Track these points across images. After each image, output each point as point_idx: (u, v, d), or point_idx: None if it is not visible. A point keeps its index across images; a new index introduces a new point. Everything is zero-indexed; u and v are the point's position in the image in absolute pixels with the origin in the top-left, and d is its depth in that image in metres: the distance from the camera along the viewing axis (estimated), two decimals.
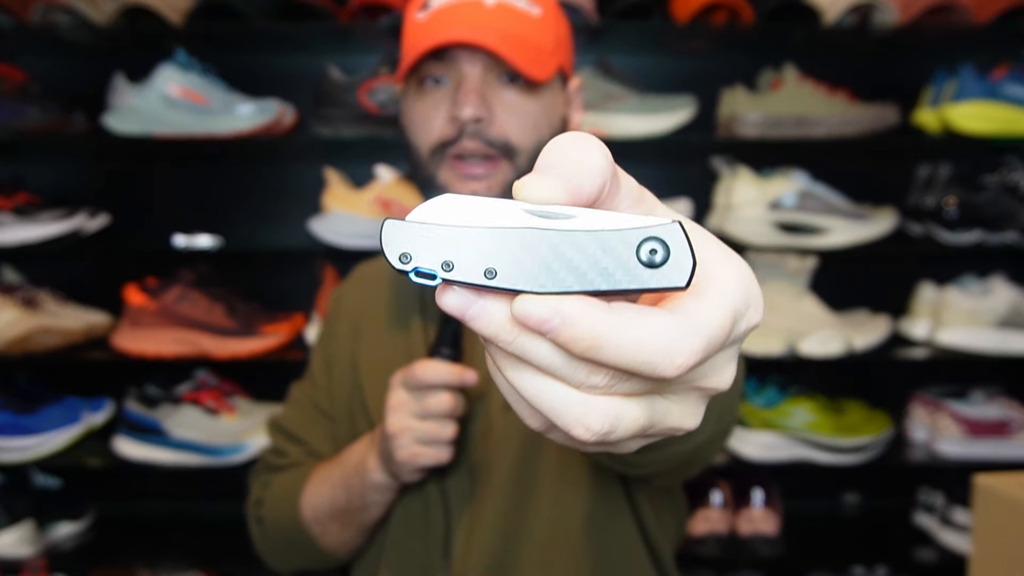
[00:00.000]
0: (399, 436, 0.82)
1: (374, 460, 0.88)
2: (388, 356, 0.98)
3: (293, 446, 1.03)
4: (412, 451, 0.82)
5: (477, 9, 0.87)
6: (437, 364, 0.81)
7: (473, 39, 0.85)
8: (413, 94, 0.92)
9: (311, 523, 0.94)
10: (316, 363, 1.07)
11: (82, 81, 1.97)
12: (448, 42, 0.85)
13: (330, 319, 1.08)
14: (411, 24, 0.91)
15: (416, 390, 0.82)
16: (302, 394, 1.07)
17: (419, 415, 0.81)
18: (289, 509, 0.96)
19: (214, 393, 1.85)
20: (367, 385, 0.98)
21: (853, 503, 2.13)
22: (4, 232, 1.79)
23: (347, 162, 1.98)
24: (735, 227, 1.80)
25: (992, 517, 0.90)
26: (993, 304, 1.81)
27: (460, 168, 0.89)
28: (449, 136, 0.89)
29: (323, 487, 0.93)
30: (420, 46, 0.87)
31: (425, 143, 0.90)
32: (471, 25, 0.86)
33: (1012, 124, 1.78)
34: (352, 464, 0.90)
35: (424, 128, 0.90)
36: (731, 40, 1.94)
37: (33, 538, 1.85)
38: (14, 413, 1.84)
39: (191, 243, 1.81)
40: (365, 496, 0.90)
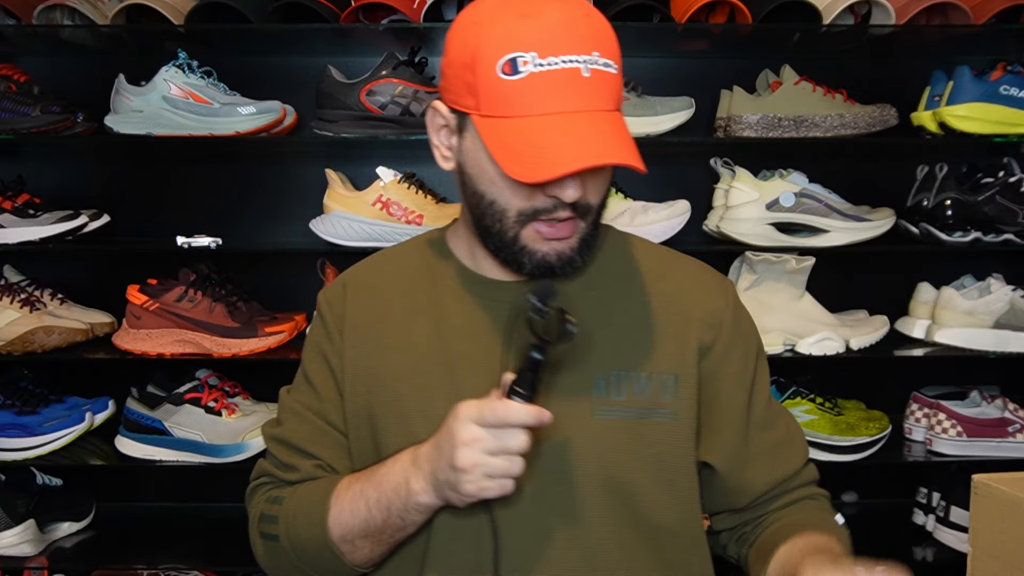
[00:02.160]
0: (470, 471, 0.82)
1: (420, 483, 0.88)
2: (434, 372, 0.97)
3: (303, 460, 1.01)
4: (481, 485, 0.83)
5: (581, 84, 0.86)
6: (520, 405, 0.82)
7: (601, 161, 0.86)
8: None
9: (339, 541, 0.94)
10: (318, 374, 1.03)
11: (84, 82, 1.97)
12: (584, 168, 0.85)
13: (328, 326, 1.04)
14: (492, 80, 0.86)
15: (494, 427, 0.82)
16: (302, 406, 1.04)
17: (493, 451, 0.82)
18: (314, 528, 0.95)
19: (215, 393, 1.85)
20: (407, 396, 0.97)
21: (851, 502, 2.13)
22: (6, 232, 1.80)
23: (347, 163, 1.99)
24: (734, 227, 1.81)
25: (990, 516, 0.91)
26: (991, 304, 1.81)
27: (546, 233, 0.92)
28: (544, 206, 0.90)
29: (355, 506, 0.92)
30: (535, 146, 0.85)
31: (514, 206, 0.91)
32: (591, 129, 0.86)
33: (1009, 125, 1.78)
34: (391, 485, 0.90)
35: (517, 193, 0.90)
36: (730, 41, 1.94)
37: (34, 537, 1.86)
38: (16, 413, 1.84)
39: (192, 243, 1.82)
40: (406, 516, 0.90)
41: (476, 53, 0.87)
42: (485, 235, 0.96)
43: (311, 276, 1.89)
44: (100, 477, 2.09)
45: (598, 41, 0.87)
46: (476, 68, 0.87)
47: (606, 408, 0.94)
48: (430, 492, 0.87)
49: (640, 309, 1.00)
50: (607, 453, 0.94)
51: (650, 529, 0.96)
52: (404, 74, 1.80)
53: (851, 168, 2.02)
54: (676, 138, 1.84)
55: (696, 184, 1.98)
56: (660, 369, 0.97)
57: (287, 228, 2.01)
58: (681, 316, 1.00)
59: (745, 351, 1.03)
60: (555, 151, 0.84)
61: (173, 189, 2.06)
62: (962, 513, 1.83)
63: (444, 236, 1.07)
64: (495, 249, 0.96)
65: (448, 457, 0.83)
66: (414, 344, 0.99)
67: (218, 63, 1.87)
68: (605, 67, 0.87)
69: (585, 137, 0.85)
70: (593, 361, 0.95)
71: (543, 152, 0.84)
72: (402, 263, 1.08)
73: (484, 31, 0.87)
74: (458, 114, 0.93)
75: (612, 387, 0.95)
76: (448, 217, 1.80)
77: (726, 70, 1.95)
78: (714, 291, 1.04)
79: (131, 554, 1.91)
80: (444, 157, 0.98)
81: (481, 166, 0.92)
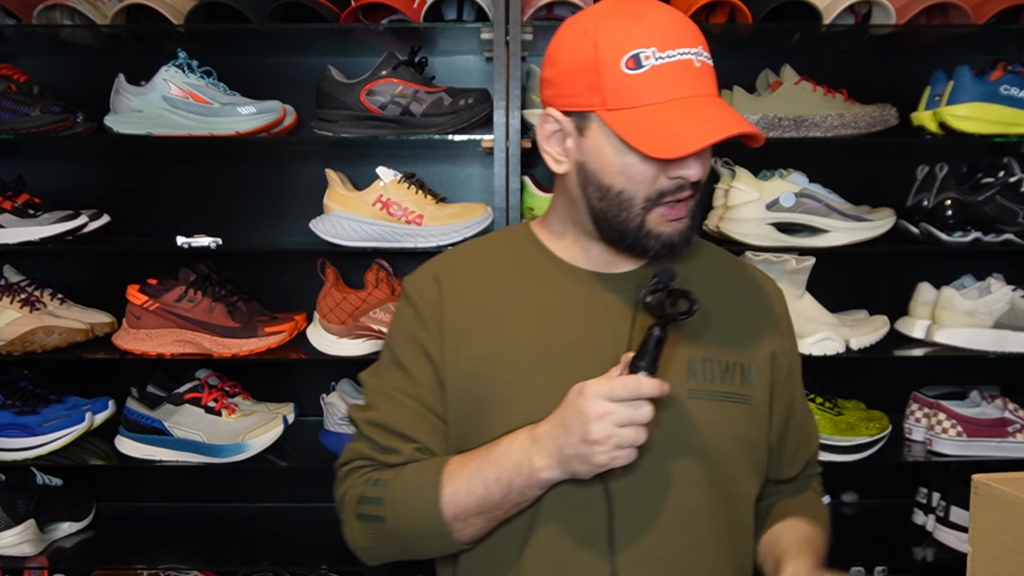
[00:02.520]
0: (603, 443, 0.90)
1: (544, 460, 0.94)
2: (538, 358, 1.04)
3: (404, 444, 1.05)
4: (612, 455, 0.91)
5: (694, 73, 0.97)
6: (648, 378, 0.90)
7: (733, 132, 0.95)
8: (619, 145, 0.98)
9: (453, 520, 0.99)
10: (412, 360, 1.07)
11: (84, 82, 1.97)
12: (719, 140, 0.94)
13: (423, 316, 1.08)
14: (617, 77, 0.96)
15: (624, 400, 0.90)
16: (397, 391, 1.08)
17: (623, 423, 0.90)
18: (426, 507, 0.99)
19: (215, 393, 1.85)
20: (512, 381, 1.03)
21: (851, 502, 2.13)
22: (6, 232, 1.80)
23: (347, 163, 1.99)
24: (734, 227, 1.81)
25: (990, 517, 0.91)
26: (991, 304, 1.81)
27: (669, 214, 1.01)
28: (668, 188, 0.99)
29: (472, 485, 0.98)
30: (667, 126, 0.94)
31: (641, 192, 0.99)
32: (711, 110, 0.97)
33: (1009, 125, 1.78)
34: (511, 463, 0.96)
35: (644, 179, 0.99)
36: (730, 41, 1.94)
37: (34, 537, 1.86)
38: (16, 413, 1.84)
39: (192, 243, 1.82)
40: (526, 492, 0.97)
41: (597, 54, 0.96)
42: (607, 226, 1.03)
43: (311, 276, 1.89)
44: (100, 477, 2.09)
45: (699, 38, 0.99)
46: (599, 68, 0.96)
47: (697, 391, 1.04)
48: (554, 468, 0.94)
49: (724, 304, 1.10)
50: (702, 429, 1.03)
51: (732, 498, 1.07)
52: (404, 74, 1.80)
53: (851, 168, 2.02)
54: None
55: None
56: (740, 359, 1.07)
57: (287, 228, 2.01)
58: (754, 314, 1.13)
59: (795, 350, 1.18)
60: (686, 129, 0.94)
61: (173, 189, 2.06)
62: (962, 513, 1.83)
63: (530, 231, 1.14)
64: (618, 237, 1.03)
65: (580, 432, 0.90)
66: (515, 332, 1.05)
67: (218, 63, 1.87)
68: (708, 60, 0.99)
69: (709, 116, 0.96)
70: (686, 348, 1.05)
71: (675, 131, 0.94)
72: (489, 256, 1.14)
73: (601, 35, 0.97)
74: (576, 116, 1.01)
75: (702, 372, 1.05)
76: (447, 217, 1.81)
77: (726, 70, 1.93)
78: (775, 294, 1.18)
79: (131, 554, 1.91)
80: (557, 161, 1.05)
81: (607, 159, 1.00)
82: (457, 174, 2.05)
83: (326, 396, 1.90)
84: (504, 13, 1.74)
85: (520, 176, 1.78)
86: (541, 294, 1.08)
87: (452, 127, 1.80)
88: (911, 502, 2.01)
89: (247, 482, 2.14)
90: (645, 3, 1.00)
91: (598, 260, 1.09)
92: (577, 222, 1.07)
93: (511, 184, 1.77)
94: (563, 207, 1.09)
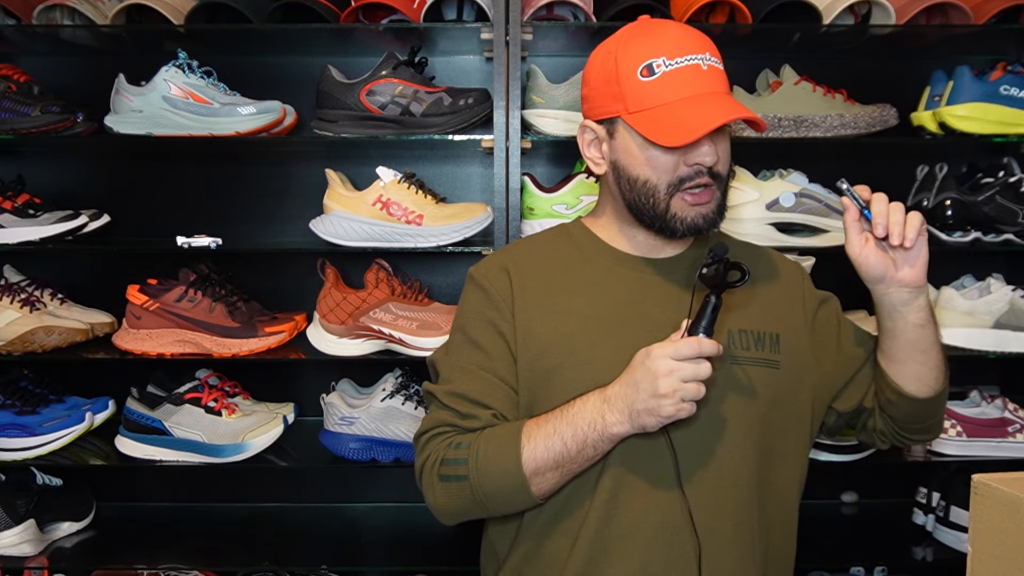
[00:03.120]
0: (670, 396, 1.03)
1: (615, 416, 1.07)
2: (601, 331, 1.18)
3: (482, 410, 1.18)
4: (679, 407, 1.03)
5: (702, 75, 1.13)
6: (707, 340, 1.04)
7: (733, 116, 1.11)
8: (641, 141, 1.15)
9: (532, 475, 1.11)
10: (485, 337, 1.21)
11: (84, 82, 1.98)
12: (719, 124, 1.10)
13: (494, 299, 1.22)
14: (635, 84, 1.13)
15: (687, 359, 1.03)
16: (473, 365, 1.21)
17: (687, 379, 1.02)
18: (508, 463, 1.11)
19: (215, 393, 1.85)
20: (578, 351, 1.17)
21: (851, 502, 2.13)
22: (6, 232, 1.80)
23: (347, 163, 1.99)
24: (734, 227, 1.81)
25: (990, 517, 0.91)
26: (991, 304, 1.82)
27: (692, 199, 1.16)
28: (687, 175, 1.15)
29: (550, 442, 1.10)
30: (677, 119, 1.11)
31: (664, 180, 1.16)
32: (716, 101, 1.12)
33: (1009, 125, 1.78)
34: (585, 421, 1.09)
35: (665, 168, 1.15)
36: (730, 41, 1.94)
37: (34, 537, 1.86)
38: (16, 413, 1.84)
39: (192, 243, 1.82)
40: (599, 446, 1.09)
41: (618, 69, 1.15)
42: (640, 213, 1.19)
43: (311, 276, 1.89)
44: (100, 477, 2.09)
45: (707, 46, 1.16)
46: (620, 79, 1.15)
47: (737, 357, 1.20)
48: (625, 423, 1.07)
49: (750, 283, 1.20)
50: (741, 389, 1.18)
51: (769, 449, 1.20)
52: (404, 74, 1.80)
53: (851, 168, 2.00)
54: None
55: None
56: (767, 328, 1.23)
57: (287, 228, 2.01)
58: (775, 289, 1.28)
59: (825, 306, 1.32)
60: (693, 119, 1.10)
61: (173, 189, 2.06)
62: (962, 513, 1.83)
63: (583, 226, 1.31)
64: (650, 222, 1.19)
65: (649, 388, 1.04)
66: (578, 310, 1.20)
67: (218, 63, 1.87)
68: (716, 64, 1.16)
69: (713, 107, 1.12)
70: (724, 322, 1.20)
71: (684, 122, 1.11)
72: (550, 248, 1.29)
73: (621, 53, 1.15)
74: (606, 123, 1.19)
75: (739, 342, 1.20)
76: (447, 217, 1.81)
77: (726, 70, 1.94)
78: (790, 270, 1.34)
79: (131, 554, 1.91)
80: (597, 164, 1.23)
81: (632, 154, 1.17)
82: (457, 174, 2.05)
83: (326, 396, 1.90)
84: (504, 13, 1.74)
85: (520, 176, 1.78)
86: (598, 277, 1.23)
87: (452, 127, 1.80)
88: (911, 502, 2.01)
89: (247, 482, 2.14)
90: (658, 23, 1.19)
91: (643, 246, 1.25)
92: (619, 214, 1.24)
93: (511, 184, 1.77)
94: (607, 203, 1.27)
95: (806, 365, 1.25)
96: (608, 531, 1.15)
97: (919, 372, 1.22)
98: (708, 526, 1.14)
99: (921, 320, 1.18)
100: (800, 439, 1.26)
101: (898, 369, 1.22)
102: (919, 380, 1.23)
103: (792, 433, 1.24)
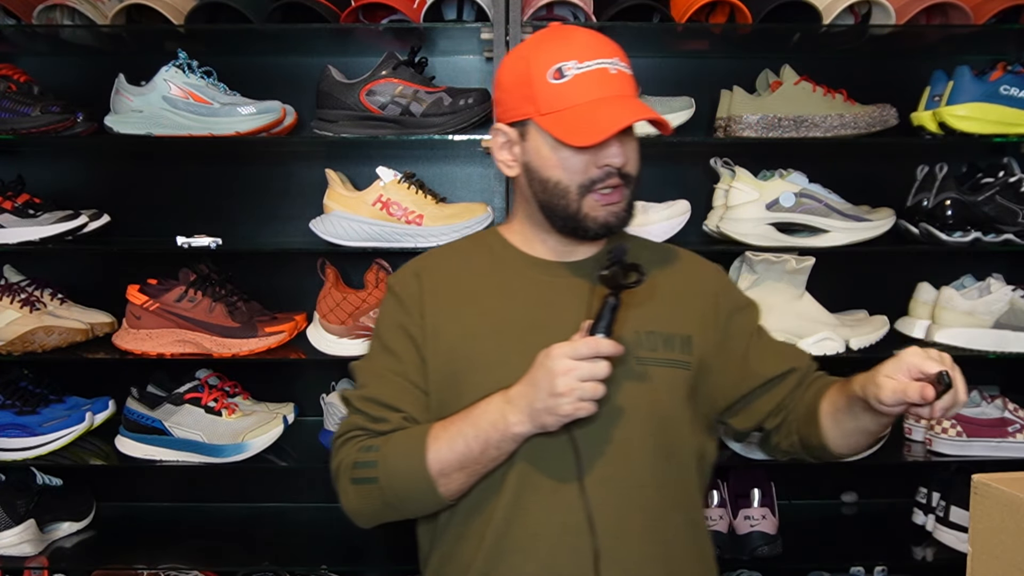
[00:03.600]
0: (567, 395, 1.04)
1: (517, 416, 1.09)
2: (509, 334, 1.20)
3: (392, 413, 1.20)
4: (576, 406, 1.05)
5: (611, 78, 1.16)
6: (605, 340, 1.05)
7: (640, 117, 1.15)
8: (552, 143, 1.17)
9: (437, 476, 1.13)
10: (397, 343, 1.24)
11: (84, 82, 1.97)
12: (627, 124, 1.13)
13: (405, 304, 1.25)
14: (545, 87, 1.15)
15: (585, 359, 1.04)
16: (385, 369, 1.23)
17: (584, 378, 1.04)
18: (414, 465, 1.13)
19: (215, 393, 1.85)
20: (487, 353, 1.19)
21: (851, 502, 2.13)
22: (6, 232, 1.80)
23: (347, 163, 1.99)
24: (734, 227, 1.81)
25: (990, 517, 0.91)
26: (991, 304, 1.81)
27: (603, 199, 1.18)
28: (598, 177, 1.17)
29: (454, 443, 1.12)
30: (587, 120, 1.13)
31: (575, 181, 1.18)
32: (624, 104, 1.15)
33: (1009, 125, 1.78)
34: (488, 421, 1.11)
35: (575, 170, 1.17)
36: (730, 41, 1.94)
37: (34, 537, 1.86)
38: (16, 413, 1.84)
39: (192, 243, 1.82)
40: (502, 446, 1.11)
41: (529, 71, 1.17)
42: (553, 215, 1.21)
43: (311, 276, 1.89)
44: (100, 477, 2.09)
45: (616, 51, 1.19)
46: (532, 81, 1.17)
47: (644, 358, 1.20)
48: (526, 422, 1.09)
49: (660, 284, 1.25)
50: (647, 389, 1.19)
51: (677, 448, 1.22)
52: (404, 74, 1.80)
53: (851, 168, 2.02)
54: (676, 138, 1.84)
55: (696, 184, 1.98)
56: (678, 330, 1.23)
57: (287, 228, 2.01)
58: (689, 291, 1.28)
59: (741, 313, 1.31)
60: (602, 120, 1.13)
61: (173, 189, 2.06)
62: (962, 513, 1.83)
63: (497, 232, 1.32)
64: (563, 224, 1.20)
65: (547, 387, 1.05)
66: (488, 313, 1.23)
67: (218, 63, 1.87)
68: (625, 69, 1.19)
69: (621, 109, 1.15)
70: (632, 322, 1.21)
71: (592, 123, 1.13)
72: (465, 254, 1.32)
73: (532, 56, 1.17)
74: (518, 125, 1.20)
75: (647, 343, 1.21)
76: (447, 217, 1.81)
77: (726, 70, 1.95)
78: (708, 272, 1.34)
79: (131, 554, 1.91)
80: (509, 166, 1.24)
81: (544, 156, 1.19)
82: (457, 174, 2.05)
83: (326, 396, 1.91)
84: (504, 13, 1.74)
85: None
86: (509, 282, 1.25)
87: (452, 127, 1.80)
88: (911, 502, 2.01)
89: (247, 482, 2.14)
90: (570, 28, 1.22)
91: (555, 250, 1.26)
92: (531, 217, 1.25)
93: (511, 184, 1.77)
94: (520, 207, 1.28)
95: (711, 368, 1.26)
96: (513, 531, 1.16)
97: (859, 444, 1.24)
98: (613, 525, 1.15)
99: (892, 420, 1.18)
100: (710, 439, 1.28)
101: (840, 439, 1.22)
102: (853, 448, 1.24)
103: (702, 432, 1.26)
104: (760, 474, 1.93)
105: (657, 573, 1.18)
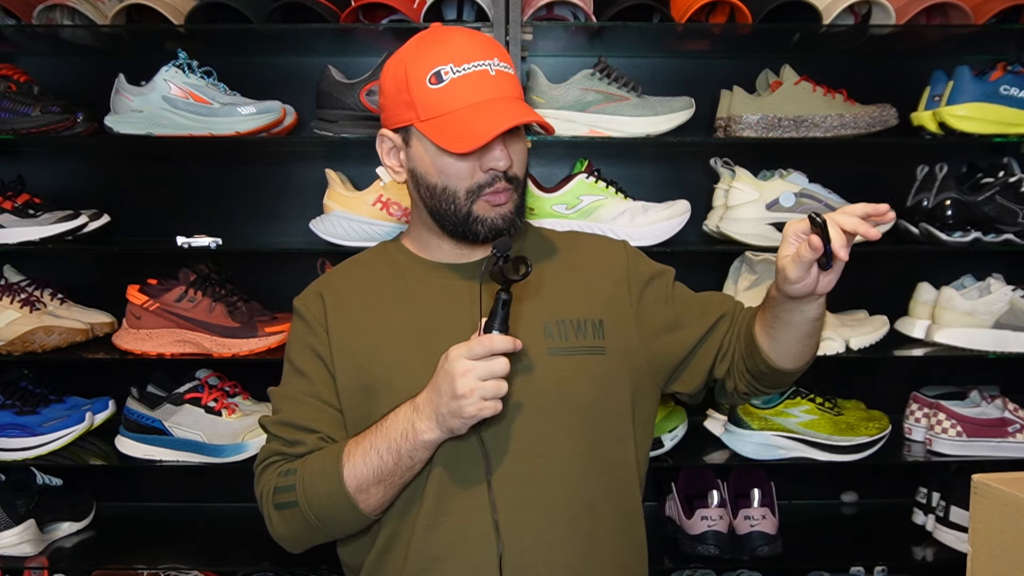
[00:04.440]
0: (469, 396, 1.03)
1: (424, 423, 1.08)
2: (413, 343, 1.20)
3: (307, 435, 1.19)
4: (479, 406, 1.04)
5: (490, 80, 1.15)
6: (500, 336, 1.05)
7: (518, 121, 1.14)
8: (435, 149, 1.16)
9: (356, 492, 1.12)
10: (307, 364, 1.23)
11: (84, 82, 1.97)
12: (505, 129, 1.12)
13: (311, 324, 1.25)
14: (424, 92, 1.15)
15: (481, 358, 1.04)
16: (298, 392, 1.23)
17: (484, 377, 1.03)
18: (331, 484, 1.12)
19: (215, 393, 1.85)
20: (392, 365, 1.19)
21: (851, 502, 2.13)
22: (6, 232, 1.80)
23: (347, 163, 1.99)
24: (733, 227, 1.81)
25: (990, 517, 0.91)
26: (991, 304, 1.81)
27: (492, 200, 1.18)
28: (484, 181, 1.18)
29: (367, 458, 1.11)
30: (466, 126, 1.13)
31: (462, 186, 1.18)
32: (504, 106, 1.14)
33: (1009, 125, 1.78)
34: (398, 432, 1.10)
35: (462, 175, 1.17)
36: (730, 41, 1.94)
37: (34, 537, 1.86)
38: (16, 413, 1.84)
39: (192, 243, 1.82)
40: (414, 455, 1.10)
41: (407, 77, 1.16)
42: (443, 220, 1.21)
43: (311, 276, 1.87)
44: (100, 477, 2.09)
45: (496, 51, 1.18)
46: (410, 88, 1.16)
47: (556, 349, 1.20)
48: (434, 428, 1.08)
49: (565, 272, 1.27)
50: (562, 380, 1.19)
51: (594, 432, 1.21)
52: None
53: (851, 168, 2.02)
54: (676, 138, 1.84)
55: (696, 184, 1.98)
56: (588, 316, 1.23)
57: (287, 228, 2.01)
58: (596, 275, 1.28)
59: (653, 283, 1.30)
60: (480, 125, 1.12)
61: (173, 189, 2.06)
62: (962, 513, 1.83)
63: (399, 241, 1.33)
64: (452, 229, 1.21)
65: (448, 390, 1.05)
66: (392, 325, 1.22)
67: (218, 63, 1.87)
68: (505, 68, 1.18)
69: (501, 112, 1.14)
70: (539, 314, 1.22)
71: (472, 128, 1.12)
72: (367, 267, 1.32)
73: (410, 61, 1.17)
74: (402, 131, 1.20)
75: (557, 333, 1.21)
76: None
77: (726, 70, 1.95)
78: (614, 251, 1.33)
79: (131, 554, 1.91)
80: (396, 172, 1.25)
81: (427, 163, 1.19)
82: None
83: None
84: (504, 13, 1.74)
85: None
86: (411, 290, 1.25)
87: None
88: (911, 502, 2.01)
89: (247, 482, 2.12)
90: (447, 29, 1.21)
91: (451, 253, 1.26)
92: (424, 223, 1.26)
93: None
94: (414, 213, 1.29)
95: (631, 348, 1.24)
96: (435, 539, 1.15)
97: (800, 351, 1.21)
98: (533, 522, 1.15)
99: (818, 314, 1.17)
100: (640, 422, 1.27)
101: (779, 350, 1.21)
102: (796, 358, 1.22)
103: (628, 416, 1.25)
104: (760, 474, 1.93)
105: (577, 568, 1.17)
